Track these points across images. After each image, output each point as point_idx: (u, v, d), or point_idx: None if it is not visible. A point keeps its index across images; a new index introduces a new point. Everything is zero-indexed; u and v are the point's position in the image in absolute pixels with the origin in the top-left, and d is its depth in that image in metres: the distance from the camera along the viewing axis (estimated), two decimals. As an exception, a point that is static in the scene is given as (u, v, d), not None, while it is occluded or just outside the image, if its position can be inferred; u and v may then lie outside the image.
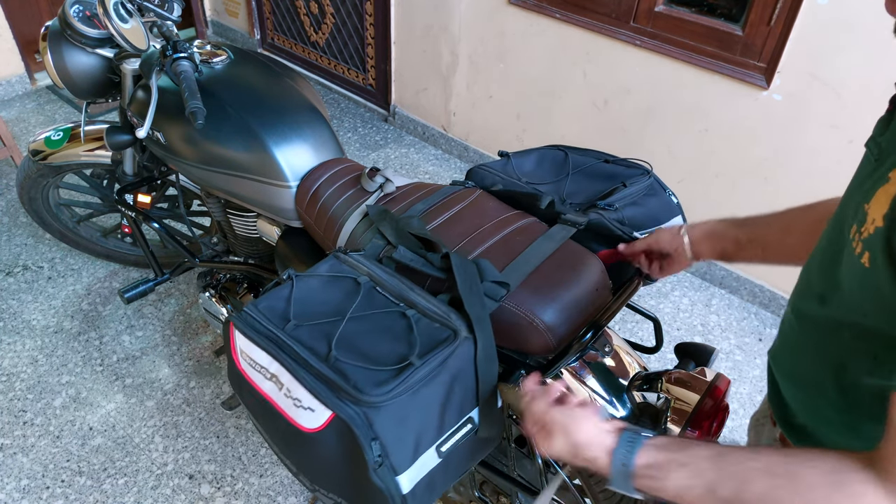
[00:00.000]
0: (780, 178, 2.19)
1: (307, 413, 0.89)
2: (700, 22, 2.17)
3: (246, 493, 1.81)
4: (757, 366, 2.26)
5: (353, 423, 0.84)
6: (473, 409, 0.97)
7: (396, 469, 0.88)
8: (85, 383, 2.09)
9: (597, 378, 1.13)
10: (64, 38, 1.63)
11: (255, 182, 1.45)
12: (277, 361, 0.93)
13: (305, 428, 0.90)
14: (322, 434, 0.88)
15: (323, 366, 0.89)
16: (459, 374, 0.93)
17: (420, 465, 0.91)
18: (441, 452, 0.93)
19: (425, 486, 0.94)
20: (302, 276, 1.04)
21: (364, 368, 0.88)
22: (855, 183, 0.71)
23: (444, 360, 0.90)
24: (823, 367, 0.74)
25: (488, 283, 1.02)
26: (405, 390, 0.87)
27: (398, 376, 0.87)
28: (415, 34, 3.12)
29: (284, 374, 0.92)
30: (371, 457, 0.85)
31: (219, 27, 4.39)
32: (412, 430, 0.89)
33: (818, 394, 0.76)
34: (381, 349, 0.91)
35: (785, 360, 0.85)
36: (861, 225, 0.62)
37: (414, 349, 0.90)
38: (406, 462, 0.89)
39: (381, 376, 0.87)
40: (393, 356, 0.90)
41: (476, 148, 3.20)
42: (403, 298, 1.00)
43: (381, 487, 0.87)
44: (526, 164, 1.39)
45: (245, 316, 0.99)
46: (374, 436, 0.85)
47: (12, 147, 2.90)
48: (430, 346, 0.91)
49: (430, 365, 0.89)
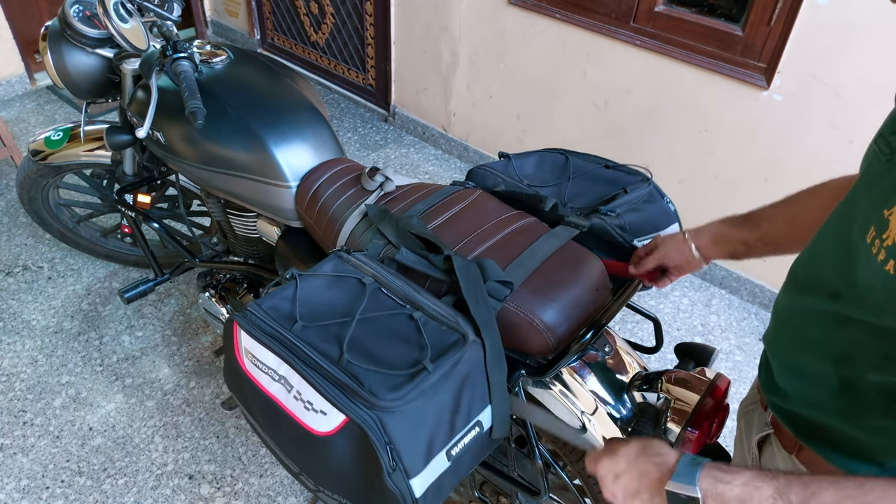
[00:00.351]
0: (780, 179, 2.19)
1: (319, 416, 0.89)
2: (700, 22, 2.17)
3: (246, 493, 1.81)
4: (757, 366, 2.25)
5: (368, 427, 0.84)
6: (481, 413, 0.97)
7: (409, 473, 0.88)
8: (85, 383, 2.09)
9: (597, 378, 1.13)
10: (64, 38, 1.63)
11: (255, 182, 1.45)
12: (287, 363, 0.92)
13: (317, 431, 0.89)
14: (334, 438, 0.88)
15: (335, 369, 0.89)
16: (468, 377, 0.94)
17: (432, 468, 0.92)
18: (451, 456, 0.94)
19: (435, 489, 0.94)
20: (305, 276, 1.04)
21: (377, 372, 0.88)
22: (865, 182, 0.70)
23: (454, 364, 0.91)
24: (826, 358, 0.74)
25: (492, 282, 1.02)
26: (419, 395, 0.87)
27: (412, 381, 0.87)
28: (415, 34, 3.12)
29: (294, 376, 0.91)
30: (386, 461, 0.85)
31: (219, 27, 4.39)
32: (425, 434, 0.89)
33: (817, 384, 0.76)
34: (392, 352, 0.92)
35: (782, 349, 0.84)
36: (883, 231, 0.60)
37: (425, 353, 0.91)
38: (419, 466, 0.89)
39: (394, 381, 0.87)
40: (405, 360, 0.90)
41: (476, 148, 3.20)
42: (409, 300, 1.00)
43: (394, 491, 0.87)
44: (526, 166, 1.39)
45: (250, 315, 0.98)
46: (389, 440, 0.85)
47: (12, 147, 2.90)
48: (440, 351, 0.91)
49: (443, 369, 0.89)
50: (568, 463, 1.27)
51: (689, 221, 1.22)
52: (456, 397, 0.92)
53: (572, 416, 1.11)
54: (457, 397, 0.92)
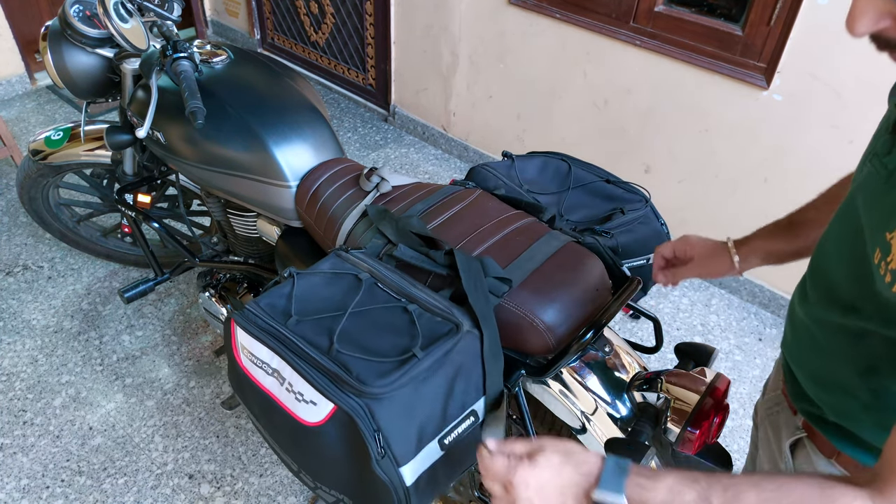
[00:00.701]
0: (781, 178, 2.19)
1: (309, 407, 0.89)
2: (700, 22, 2.17)
3: (246, 492, 1.81)
4: (757, 366, 2.26)
5: (356, 414, 0.84)
6: (476, 403, 0.97)
7: (399, 460, 0.88)
8: (85, 383, 2.09)
9: (597, 378, 1.13)
10: (64, 37, 1.63)
11: (255, 182, 1.45)
12: (279, 356, 0.93)
13: (307, 422, 0.90)
14: (324, 427, 0.88)
15: (325, 358, 0.89)
16: (462, 367, 0.94)
17: (423, 457, 0.92)
18: (444, 445, 0.94)
19: (428, 479, 0.94)
20: (303, 274, 1.05)
21: (366, 360, 0.89)
22: (864, 197, 0.70)
23: (446, 352, 0.91)
24: (852, 370, 0.73)
25: (491, 279, 1.02)
26: (408, 381, 0.87)
27: (401, 368, 0.87)
28: (415, 34, 3.12)
29: (286, 368, 0.92)
30: (374, 448, 0.85)
31: (219, 27, 4.39)
32: (415, 421, 0.89)
33: (847, 396, 0.75)
34: (383, 342, 0.92)
35: (804, 362, 0.84)
36: (887, 254, 0.61)
37: (416, 341, 0.91)
38: (409, 454, 0.90)
39: (383, 368, 0.88)
40: (395, 349, 0.91)
41: (476, 148, 3.20)
42: (405, 294, 1.00)
43: (384, 479, 0.87)
44: (528, 170, 1.40)
45: (247, 313, 0.99)
46: (377, 427, 0.85)
47: (12, 147, 2.90)
48: (432, 339, 0.92)
49: (433, 357, 0.89)
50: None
51: (689, 221, 1.22)
52: (448, 386, 0.92)
53: (572, 416, 1.11)
54: (449, 386, 0.92)
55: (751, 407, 2.11)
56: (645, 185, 2.55)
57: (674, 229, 1.32)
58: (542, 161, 1.41)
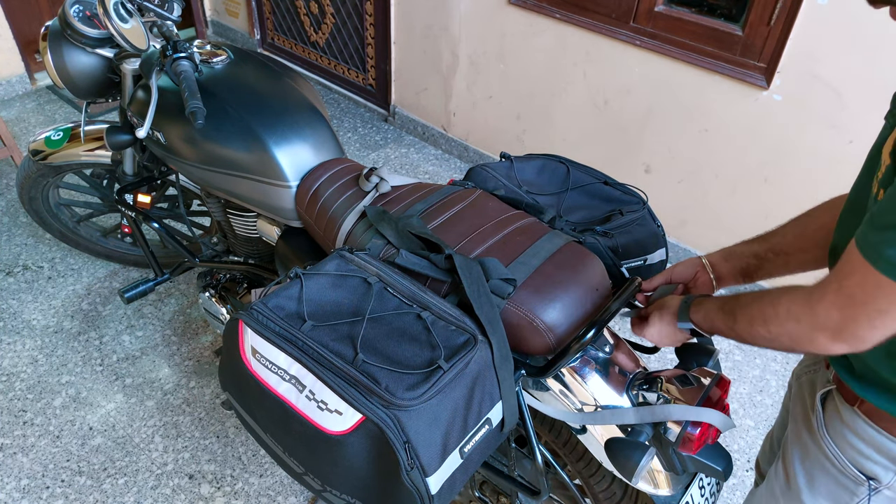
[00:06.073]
0: (780, 178, 2.19)
1: (333, 416, 0.89)
2: (700, 22, 2.17)
3: (246, 492, 1.81)
4: (757, 366, 2.26)
5: (386, 426, 0.85)
6: (490, 410, 0.98)
7: (427, 471, 0.89)
8: (85, 383, 2.09)
9: (597, 378, 1.13)
10: (64, 38, 1.63)
11: (255, 182, 1.45)
12: (299, 363, 0.92)
13: (330, 431, 0.90)
14: (348, 437, 0.89)
15: (351, 368, 0.90)
16: (479, 376, 0.95)
17: (447, 466, 0.93)
18: (464, 453, 0.95)
19: (448, 486, 0.96)
20: (309, 275, 1.04)
21: (392, 371, 0.90)
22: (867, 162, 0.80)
23: (466, 364, 0.92)
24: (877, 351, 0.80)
25: (495, 280, 1.02)
26: (435, 393, 0.88)
27: (428, 380, 0.88)
28: (415, 34, 3.12)
29: (308, 376, 0.92)
30: (404, 459, 0.86)
31: (219, 27, 4.39)
32: (440, 432, 0.90)
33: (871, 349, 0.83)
34: (405, 351, 0.93)
35: None
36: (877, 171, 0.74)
37: (438, 352, 0.92)
38: (435, 464, 0.90)
39: (411, 380, 0.89)
40: (419, 359, 0.92)
41: (476, 148, 3.20)
42: (415, 300, 1.01)
43: (412, 490, 0.89)
44: (527, 171, 1.41)
45: (257, 314, 0.98)
46: (406, 439, 0.86)
47: (12, 147, 2.90)
48: (452, 350, 0.93)
49: (457, 369, 0.91)
50: (568, 463, 1.27)
51: (689, 221, 1.22)
52: (468, 396, 0.93)
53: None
54: (469, 396, 0.93)
55: (751, 407, 2.12)
56: (645, 185, 2.56)
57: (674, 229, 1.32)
58: (541, 163, 1.42)
